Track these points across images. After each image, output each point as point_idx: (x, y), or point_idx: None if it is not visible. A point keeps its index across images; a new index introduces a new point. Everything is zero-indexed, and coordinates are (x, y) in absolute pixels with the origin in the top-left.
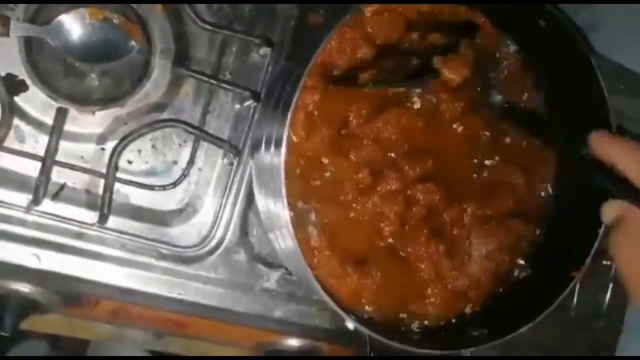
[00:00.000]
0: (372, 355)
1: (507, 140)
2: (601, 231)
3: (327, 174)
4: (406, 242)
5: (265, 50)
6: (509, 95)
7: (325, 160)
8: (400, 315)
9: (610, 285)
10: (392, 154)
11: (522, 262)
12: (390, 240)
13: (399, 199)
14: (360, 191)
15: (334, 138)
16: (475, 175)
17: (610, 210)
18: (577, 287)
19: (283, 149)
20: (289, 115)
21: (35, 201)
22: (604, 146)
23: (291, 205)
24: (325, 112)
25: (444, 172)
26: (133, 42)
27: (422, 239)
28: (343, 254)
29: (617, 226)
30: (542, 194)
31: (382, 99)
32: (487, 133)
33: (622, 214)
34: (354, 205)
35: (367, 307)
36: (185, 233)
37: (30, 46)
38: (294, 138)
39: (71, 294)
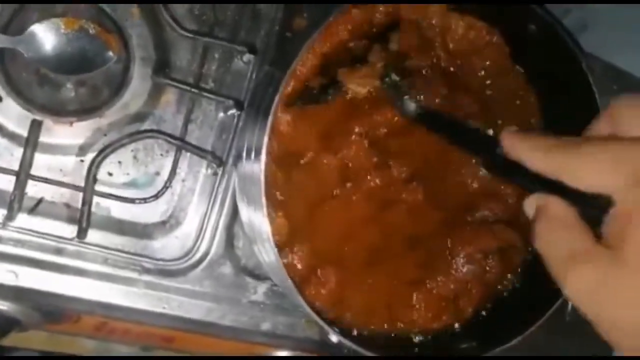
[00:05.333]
0: None
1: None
2: None
3: (311, 167)
4: (386, 247)
5: (248, 57)
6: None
7: (311, 153)
8: (385, 325)
9: None
10: (380, 154)
11: (512, 275)
12: (370, 242)
13: (379, 198)
14: (342, 185)
15: (326, 133)
16: (467, 181)
17: (530, 204)
18: None
19: (263, 156)
20: (269, 121)
21: (10, 216)
22: (512, 144)
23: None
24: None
25: (431, 176)
26: (110, 53)
27: (400, 242)
28: (323, 257)
29: (537, 217)
30: None
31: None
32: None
33: (539, 205)
34: (336, 195)
35: (349, 317)
36: (169, 246)
37: (2, 56)
38: (281, 128)
39: (51, 310)
